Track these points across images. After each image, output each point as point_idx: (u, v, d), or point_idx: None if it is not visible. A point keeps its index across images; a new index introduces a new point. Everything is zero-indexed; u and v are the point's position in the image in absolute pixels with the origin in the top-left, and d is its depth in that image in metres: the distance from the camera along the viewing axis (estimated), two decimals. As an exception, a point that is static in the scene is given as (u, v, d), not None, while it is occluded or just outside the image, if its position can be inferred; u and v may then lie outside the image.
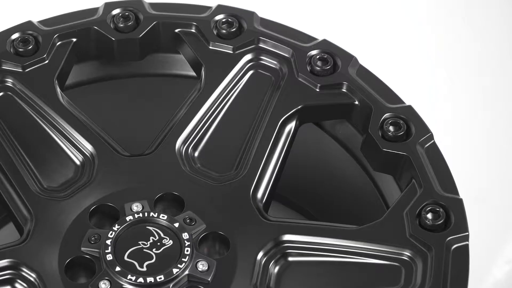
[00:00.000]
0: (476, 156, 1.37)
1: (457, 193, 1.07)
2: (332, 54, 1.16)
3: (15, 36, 1.16)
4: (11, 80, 1.15)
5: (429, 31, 1.48)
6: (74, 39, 1.17)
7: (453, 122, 1.37)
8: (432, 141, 1.11)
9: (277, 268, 1.05)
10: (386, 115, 1.11)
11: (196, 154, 1.14)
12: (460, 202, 1.06)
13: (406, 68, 1.50)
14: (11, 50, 1.16)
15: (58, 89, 1.16)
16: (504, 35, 1.44)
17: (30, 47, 1.16)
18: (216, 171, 1.12)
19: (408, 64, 1.50)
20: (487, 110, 1.46)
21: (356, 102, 1.14)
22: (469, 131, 1.41)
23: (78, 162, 1.13)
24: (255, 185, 1.09)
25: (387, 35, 1.52)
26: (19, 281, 1.03)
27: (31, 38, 1.17)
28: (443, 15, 1.45)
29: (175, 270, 1.03)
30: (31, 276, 1.03)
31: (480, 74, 1.46)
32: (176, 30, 1.19)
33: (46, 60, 1.16)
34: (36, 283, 1.03)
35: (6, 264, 1.03)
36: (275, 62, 1.17)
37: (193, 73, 1.22)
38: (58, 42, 1.17)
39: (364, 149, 1.13)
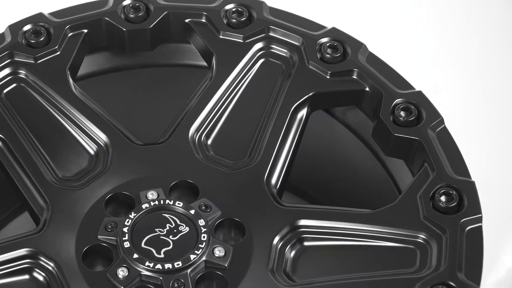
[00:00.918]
0: (482, 141, 1.39)
1: (469, 176, 1.09)
2: (342, 41, 1.17)
3: (27, 28, 1.17)
4: (23, 72, 1.16)
5: (434, 18, 1.49)
6: (85, 30, 1.18)
7: (457, 110, 1.38)
8: (443, 125, 1.12)
9: (293, 253, 1.06)
10: (397, 100, 1.12)
11: (209, 142, 1.15)
12: (472, 184, 1.07)
13: (412, 55, 1.52)
14: (23, 42, 1.17)
15: (71, 80, 1.17)
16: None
17: (42, 39, 1.17)
18: (229, 158, 1.13)
19: (414, 51, 1.52)
20: (492, 98, 1.48)
21: (367, 89, 1.15)
22: (473, 117, 1.43)
23: (92, 152, 1.14)
24: (268, 171, 1.10)
25: (392, 24, 1.54)
26: (37, 270, 1.04)
27: (43, 30, 1.18)
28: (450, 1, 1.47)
29: (192, 256, 1.03)
30: (49, 265, 1.04)
31: (487, 61, 1.47)
32: (186, 20, 1.20)
33: (58, 52, 1.17)
34: (54, 271, 1.04)
35: (24, 253, 1.04)
36: (285, 51, 1.18)
37: (203, 63, 1.23)
38: (69, 33, 1.18)
39: (376, 134, 1.15)
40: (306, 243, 1.06)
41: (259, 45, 1.18)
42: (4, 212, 1.30)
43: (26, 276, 1.04)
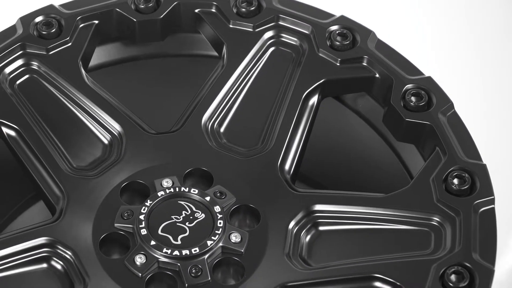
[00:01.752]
0: (488, 127, 1.40)
1: (480, 159, 1.10)
2: (351, 29, 1.19)
3: (38, 19, 1.18)
4: (36, 63, 1.17)
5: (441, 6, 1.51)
6: (96, 21, 1.19)
7: (463, 95, 1.40)
8: (453, 110, 1.14)
9: (308, 238, 1.07)
10: (408, 86, 1.14)
11: (222, 129, 1.16)
12: (484, 167, 1.08)
13: (418, 43, 1.53)
14: (35, 33, 1.18)
15: (83, 71, 1.18)
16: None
17: (53, 30, 1.18)
18: (242, 146, 1.14)
19: (419, 38, 1.53)
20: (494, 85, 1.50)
21: (377, 75, 1.16)
22: (479, 101, 1.44)
23: (106, 141, 1.15)
24: (282, 157, 1.11)
25: (398, 12, 1.55)
26: (55, 258, 1.05)
27: (54, 22, 1.18)
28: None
29: (209, 242, 1.04)
30: (67, 253, 1.05)
31: (493, 47, 1.49)
32: (196, 10, 1.21)
33: (69, 43, 1.18)
34: (72, 260, 1.05)
35: (41, 242, 1.05)
36: (295, 39, 1.19)
37: (212, 53, 1.24)
38: (80, 24, 1.19)
39: (387, 120, 1.16)
40: (321, 228, 1.07)
41: (269, 34, 1.19)
42: (17, 203, 1.31)
43: (44, 265, 1.05)
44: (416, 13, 1.54)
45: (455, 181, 1.07)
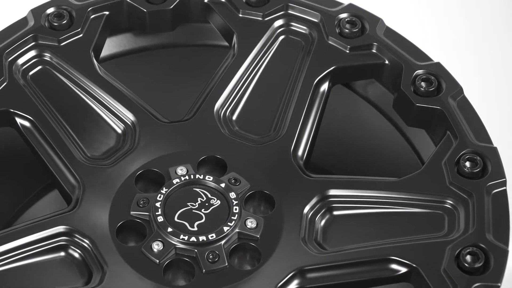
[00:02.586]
0: (496, 111, 1.42)
1: (491, 142, 1.11)
2: (360, 17, 1.20)
3: (49, 11, 1.19)
4: (48, 54, 1.18)
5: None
6: (107, 12, 1.20)
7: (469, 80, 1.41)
8: (462, 94, 1.15)
9: (323, 222, 1.09)
10: (417, 71, 1.15)
11: (234, 117, 1.17)
12: (495, 150, 1.10)
13: (424, 30, 1.54)
14: (46, 25, 1.19)
15: (95, 61, 1.18)
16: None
17: (64, 22, 1.18)
18: (254, 133, 1.15)
19: (425, 25, 1.54)
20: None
21: (386, 62, 1.17)
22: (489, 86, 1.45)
23: (119, 131, 1.15)
24: (295, 144, 1.13)
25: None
26: (72, 247, 1.06)
27: (65, 13, 1.19)
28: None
29: (225, 228, 1.05)
30: (84, 241, 1.06)
31: (499, 34, 1.50)
32: (206, 0, 1.21)
33: (80, 34, 1.18)
34: (89, 248, 1.05)
35: (59, 231, 1.06)
36: (304, 28, 1.20)
37: (222, 43, 1.25)
38: (91, 15, 1.19)
39: (397, 106, 1.17)
40: (335, 212, 1.09)
41: (278, 22, 1.20)
42: (28, 194, 1.31)
43: (62, 254, 1.05)
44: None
45: (467, 164, 1.08)
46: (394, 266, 1.03)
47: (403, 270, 1.02)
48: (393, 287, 1.07)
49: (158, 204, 1.07)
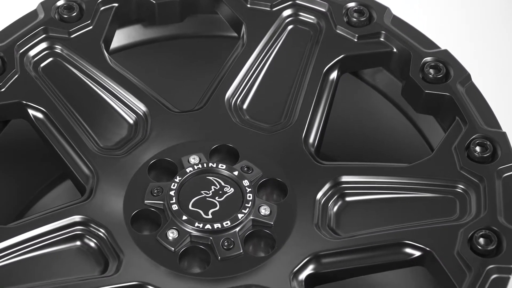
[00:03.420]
0: (503, 97, 1.43)
1: (500, 127, 1.13)
2: (367, 6, 1.21)
3: (59, 3, 1.20)
4: (59, 46, 1.18)
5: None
6: (116, 4, 1.20)
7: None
8: (471, 81, 1.17)
9: (335, 208, 1.10)
10: (426, 59, 1.16)
11: (245, 106, 1.18)
12: (504, 135, 1.11)
13: (428, 18, 1.55)
14: (56, 17, 1.20)
15: (105, 53, 1.19)
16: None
17: (74, 14, 1.19)
18: (265, 121, 1.16)
19: (430, 14, 1.56)
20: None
21: (394, 50, 1.19)
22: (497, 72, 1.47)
23: (131, 121, 1.16)
24: (306, 131, 1.14)
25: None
26: (88, 236, 1.06)
27: (75, 5, 1.20)
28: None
29: (240, 216, 1.06)
30: (100, 231, 1.06)
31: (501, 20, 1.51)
32: (214, -9, 1.25)
33: (90, 26, 1.19)
34: (105, 237, 1.06)
35: (75, 220, 1.07)
36: (312, 17, 1.21)
37: (230, 33, 1.26)
38: (101, 7, 1.20)
39: (406, 93, 1.18)
40: (348, 198, 1.10)
41: (286, 12, 1.22)
42: (40, 185, 1.32)
43: (78, 243, 1.06)
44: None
45: (477, 148, 1.09)
46: (408, 250, 1.04)
47: (417, 253, 1.04)
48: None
49: (172, 193, 1.08)
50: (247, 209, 1.07)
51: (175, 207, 1.08)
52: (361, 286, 1.20)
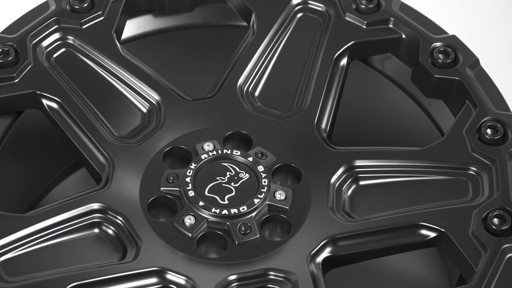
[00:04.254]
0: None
1: (509, 110, 1.14)
2: (375, -8, 1.25)
3: (70, -6, 1.23)
4: (71, 37, 1.19)
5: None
6: (127, -5, 1.24)
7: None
8: (479, 65, 1.18)
9: (349, 192, 1.11)
10: (435, 44, 1.18)
11: (257, 94, 1.19)
12: (514, 118, 1.15)
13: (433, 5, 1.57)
14: (67, 8, 1.20)
15: (117, 43, 1.20)
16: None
17: (85, 5, 1.20)
18: (277, 108, 1.17)
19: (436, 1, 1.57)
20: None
21: (403, 36, 1.20)
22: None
23: (144, 110, 1.17)
24: (318, 117, 1.15)
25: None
26: (105, 224, 1.07)
27: (86, -4, 1.23)
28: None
29: (256, 201, 1.08)
30: (117, 218, 1.07)
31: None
32: (223, -19, 1.26)
33: (102, 17, 1.20)
34: (122, 224, 1.07)
35: (92, 208, 1.07)
36: (321, 5, 1.23)
37: (239, 23, 1.28)
38: (112, -2, 1.24)
39: (415, 78, 1.19)
40: (361, 182, 1.11)
41: (296, 0, 1.22)
42: (54, 174, 1.33)
43: (96, 230, 1.07)
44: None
45: (488, 131, 1.11)
46: (423, 232, 1.05)
47: (432, 235, 1.05)
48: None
49: (188, 179, 1.09)
50: (263, 194, 1.08)
51: (191, 193, 1.09)
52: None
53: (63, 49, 1.19)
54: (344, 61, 1.20)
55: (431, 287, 1.25)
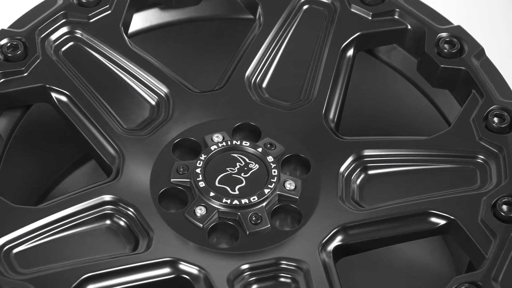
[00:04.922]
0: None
1: (515, 99, 1.17)
2: (379, -16, 1.26)
3: (78, -12, 1.24)
4: (79, 31, 1.20)
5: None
6: (133, -12, 1.25)
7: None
8: (485, 55, 1.19)
9: (358, 181, 1.12)
10: (440, 34, 1.19)
11: (264, 85, 1.20)
12: (520, 106, 1.16)
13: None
14: (74, 2, 1.21)
15: (125, 36, 1.21)
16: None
17: (93, -1, 1.23)
18: (285, 99, 1.18)
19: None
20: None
21: (409, 27, 1.21)
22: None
23: (153, 102, 1.18)
24: (326, 108, 1.16)
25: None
26: (117, 215, 1.08)
27: (93, -10, 1.24)
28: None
29: (266, 191, 1.08)
30: (129, 210, 1.08)
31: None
32: (229, -27, 1.27)
33: (109, 10, 1.21)
34: (134, 216, 1.08)
35: (104, 200, 1.08)
36: (326, -3, 1.26)
37: (245, 16, 1.28)
38: (119, -8, 1.24)
39: (421, 68, 1.20)
40: (370, 172, 1.12)
41: (301, -8, 1.26)
42: (62, 167, 1.34)
43: (108, 222, 1.08)
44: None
45: (495, 119, 1.12)
46: (433, 219, 1.06)
47: (442, 222, 1.06)
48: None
49: (198, 170, 1.10)
50: (273, 184, 1.09)
51: (202, 184, 1.09)
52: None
53: (71, 43, 1.19)
54: (350, 52, 1.21)
55: (438, 275, 1.27)
